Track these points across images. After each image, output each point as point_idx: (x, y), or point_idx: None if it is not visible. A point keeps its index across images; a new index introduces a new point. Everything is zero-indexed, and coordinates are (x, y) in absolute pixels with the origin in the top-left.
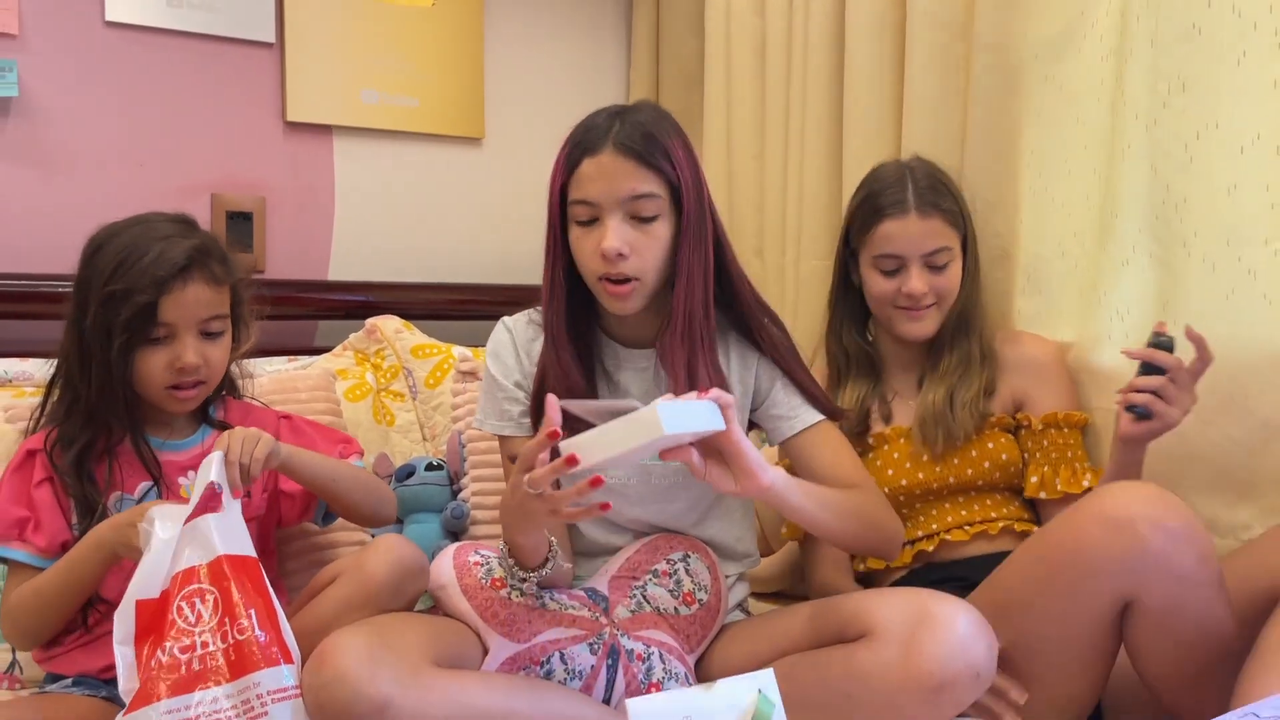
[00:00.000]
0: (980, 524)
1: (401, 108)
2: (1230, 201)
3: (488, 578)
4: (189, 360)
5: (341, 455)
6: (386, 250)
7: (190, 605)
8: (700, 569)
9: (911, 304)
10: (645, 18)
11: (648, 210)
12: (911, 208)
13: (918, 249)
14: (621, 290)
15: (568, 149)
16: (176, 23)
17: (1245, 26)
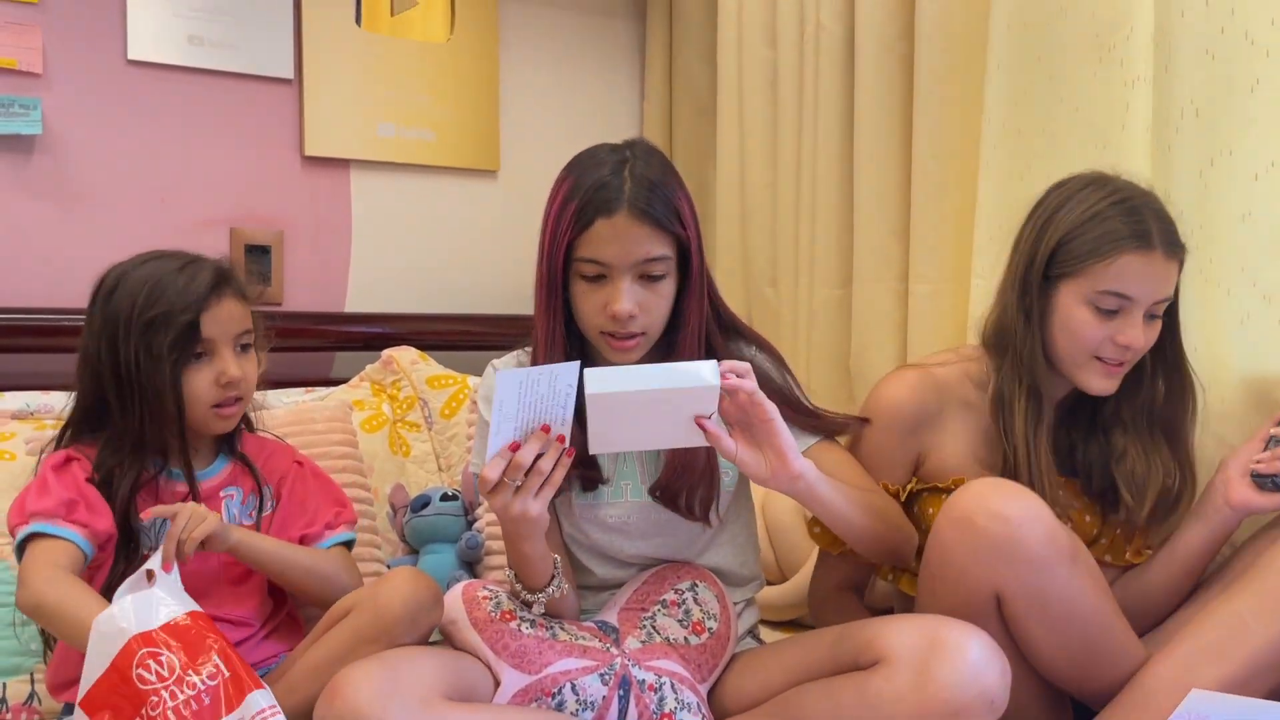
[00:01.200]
0: None
1: (418, 141)
2: (1244, 228)
3: (497, 610)
4: (234, 372)
5: (330, 524)
6: (403, 282)
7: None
8: (708, 597)
9: (1117, 354)
10: (658, 50)
11: (657, 270)
12: (1158, 244)
13: (1149, 294)
14: (627, 345)
15: (578, 205)
16: (197, 60)
17: (1257, 54)
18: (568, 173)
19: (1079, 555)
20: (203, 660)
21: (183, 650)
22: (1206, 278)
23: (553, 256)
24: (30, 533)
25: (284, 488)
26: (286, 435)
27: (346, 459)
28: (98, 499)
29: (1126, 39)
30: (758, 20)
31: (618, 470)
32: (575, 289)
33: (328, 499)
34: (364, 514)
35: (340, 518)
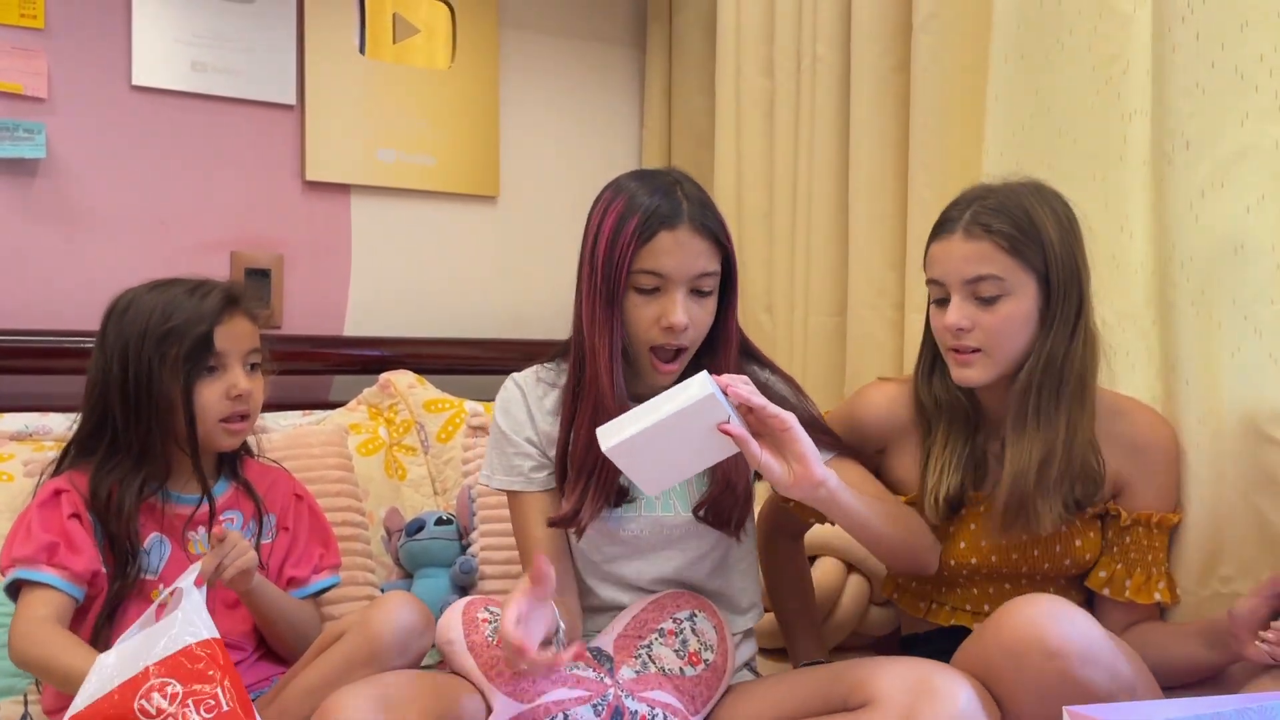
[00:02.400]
0: None
1: (418, 167)
2: (1236, 261)
3: (495, 635)
4: (244, 386)
5: (316, 567)
6: (401, 306)
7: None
8: (707, 628)
9: (955, 340)
10: (657, 78)
11: (707, 286)
12: (959, 228)
13: (957, 276)
14: (672, 368)
15: (641, 218)
16: (200, 86)
17: (1247, 88)
18: (615, 195)
19: (1139, 680)
20: (202, 692)
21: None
22: (1199, 310)
23: (612, 270)
24: (14, 579)
25: (286, 522)
26: (283, 459)
27: (342, 483)
28: (80, 536)
29: (1124, 73)
30: (755, 50)
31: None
32: (628, 303)
33: (316, 540)
34: (358, 538)
35: (325, 561)
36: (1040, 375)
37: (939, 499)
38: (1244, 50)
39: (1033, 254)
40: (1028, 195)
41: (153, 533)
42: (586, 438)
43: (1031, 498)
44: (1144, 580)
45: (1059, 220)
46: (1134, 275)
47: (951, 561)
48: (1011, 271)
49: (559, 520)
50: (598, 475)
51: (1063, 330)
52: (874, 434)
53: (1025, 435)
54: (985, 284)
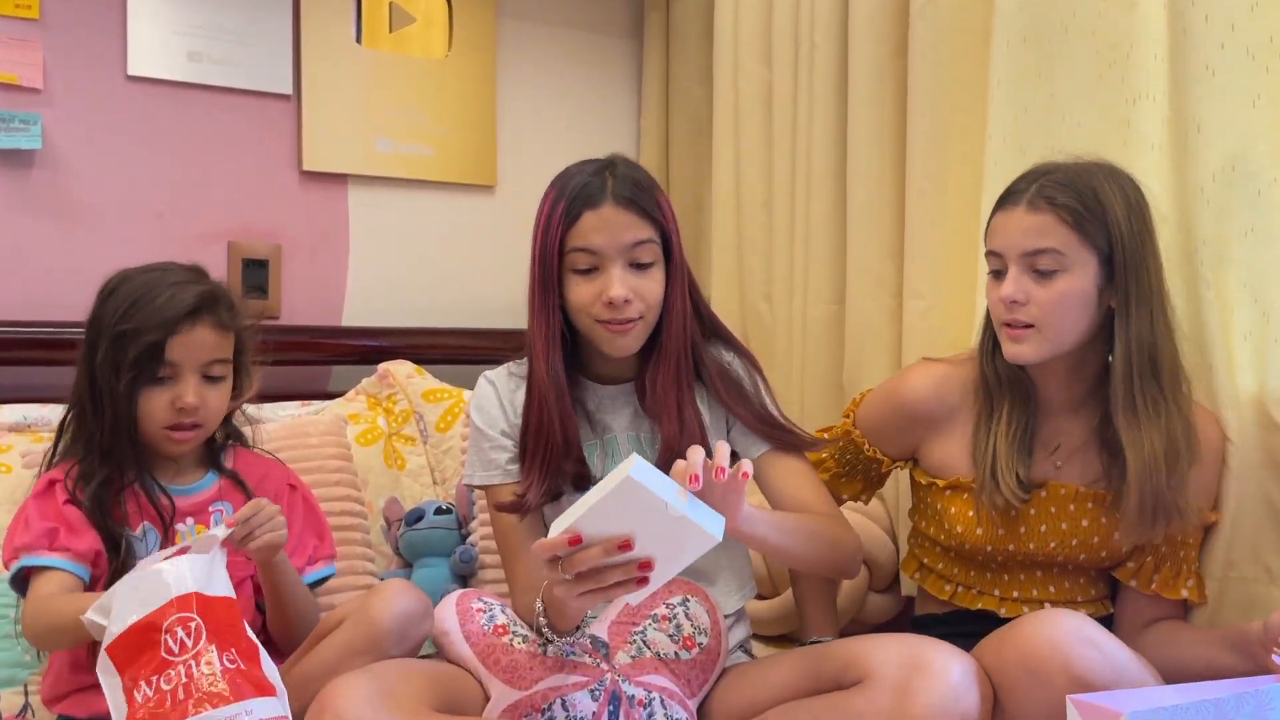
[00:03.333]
0: (1064, 603)
1: (415, 156)
2: (1247, 244)
3: (490, 624)
4: (189, 400)
5: (311, 558)
6: (400, 296)
7: (173, 635)
8: (699, 612)
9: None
10: (655, 69)
11: (646, 256)
12: (1023, 199)
13: (1016, 248)
14: (625, 328)
15: (565, 203)
16: (196, 76)
17: (1258, 70)
18: (552, 186)
19: None
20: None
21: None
22: (1216, 293)
23: (545, 255)
24: (21, 567)
25: None
26: (280, 449)
27: (340, 473)
28: (78, 519)
29: (1127, 56)
30: (753, 40)
31: (606, 468)
32: (569, 284)
33: (310, 531)
34: (357, 527)
35: (320, 552)
36: (1136, 362)
37: (1014, 483)
38: (1254, 32)
39: (1096, 231)
40: (1097, 173)
41: (144, 521)
42: (535, 423)
43: (1166, 491)
44: (1172, 575)
45: (1128, 201)
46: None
47: (1030, 545)
48: (1072, 247)
49: (506, 506)
50: (544, 460)
51: (1142, 315)
52: (920, 415)
53: (1140, 426)
54: (1044, 257)
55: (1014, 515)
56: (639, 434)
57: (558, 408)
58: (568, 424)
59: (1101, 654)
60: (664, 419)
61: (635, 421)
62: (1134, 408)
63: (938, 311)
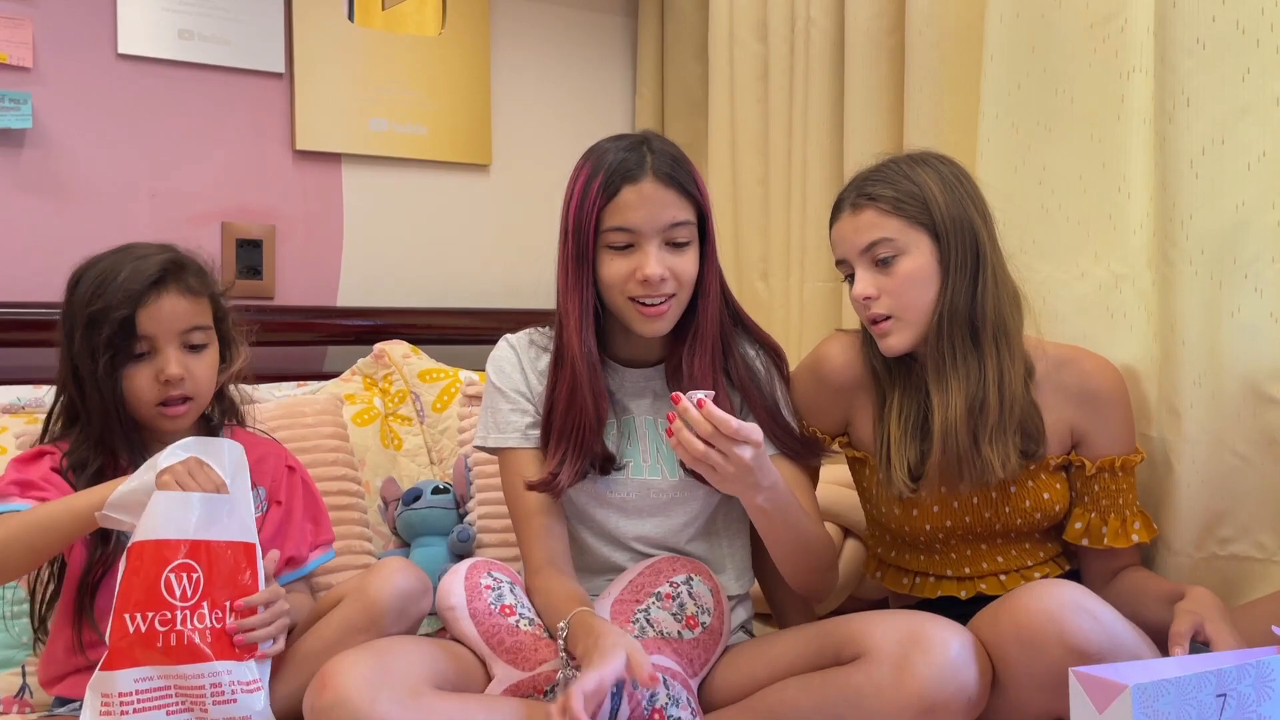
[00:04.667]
0: (1018, 571)
1: (409, 135)
2: (1237, 219)
3: (498, 603)
4: (172, 371)
5: (312, 543)
6: (395, 276)
7: (176, 579)
8: (703, 591)
9: (865, 312)
10: (650, 44)
11: (682, 236)
12: (846, 206)
13: (853, 246)
14: (659, 310)
15: (603, 178)
16: (188, 54)
17: (1248, 43)
18: (585, 159)
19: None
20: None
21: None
22: (1197, 269)
23: (580, 231)
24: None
25: (278, 495)
26: (276, 429)
27: (337, 452)
28: (62, 484)
29: (1121, 30)
30: (749, 15)
31: (623, 449)
32: (603, 260)
33: (309, 516)
34: (355, 506)
35: (319, 537)
36: (948, 324)
37: (904, 472)
38: (1245, 4)
39: (916, 210)
40: (906, 161)
41: None
42: (565, 403)
43: (970, 446)
44: (1119, 525)
45: (941, 176)
46: (1132, 236)
47: (927, 526)
48: (900, 231)
49: (537, 484)
50: (575, 440)
51: (961, 278)
52: (843, 385)
53: (947, 385)
54: (879, 247)
55: (932, 494)
56: (659, 420)
57: (592, 386)
58: (601, 403)
59: (1098, 623)
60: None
61: (657, 406)
62: (941, 369)
63: None
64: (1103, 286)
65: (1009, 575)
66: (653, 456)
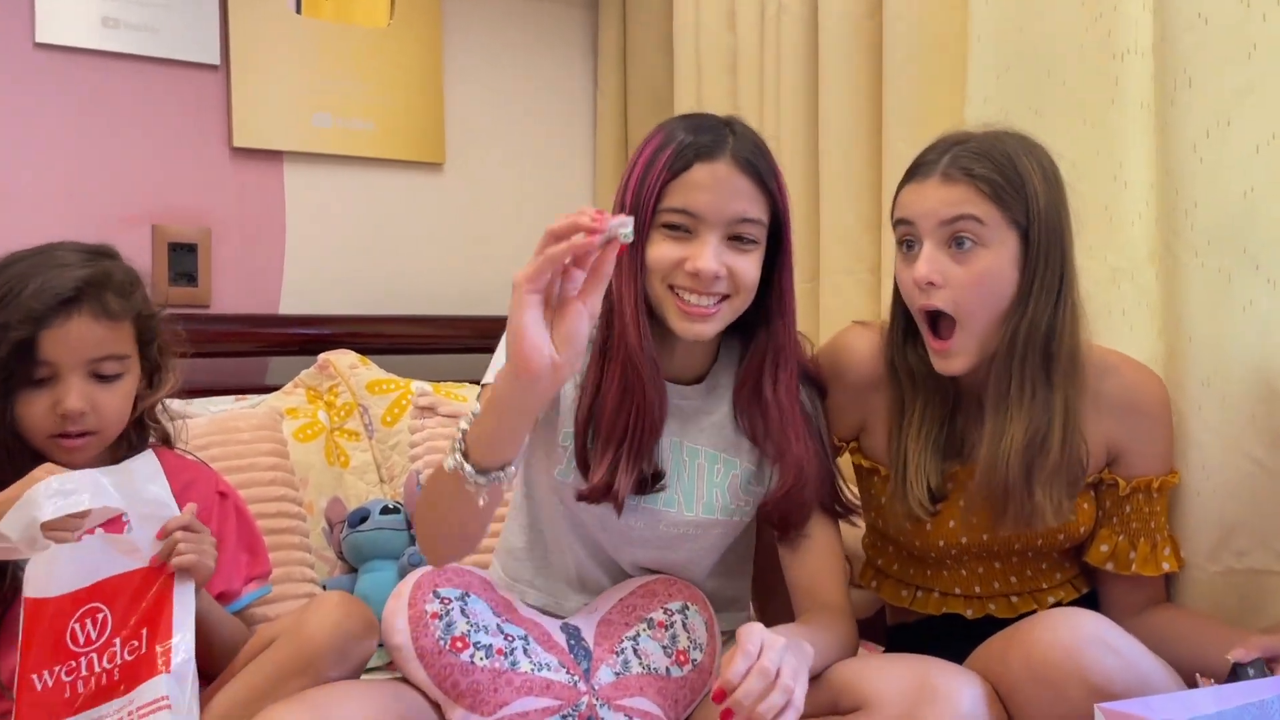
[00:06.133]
0: (1031, 593)
1: (356, 132)
2: (1245, 206)
3: (447, 636)
4: (71, 405)
5: (247, 576)
6: (341, 282)
7: (82, 626)
8: (698, 623)
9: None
10: (612, 35)
11: (750, 233)
12: (936, 171)
13: (932, 218)
14: (707, 311)
15: (674, 149)
16: (113, 44)
17: (1253, 17)
18: (658, 130)
19: None
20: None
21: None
22: (1203, 261)
23: (639, 206)
24: None
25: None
26: (208, 447)
27: (275, 470)
28: None
29: (1114, 8)
30: (717, 3)
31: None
32: (653, 240)
33: (243, 546)
34: (295, 530)
35: (254, 569)
36: (1023, 345)
37: (924, 493)
38: None
39: (1016, 204)
40: (1012, 142)
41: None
42: (616, 400)
43: (1022, 486)
44: (1149, 550)
45: (1044, 174)
46: (1130, 227)
47: (940, 542)
48: (992, 219)
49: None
50: (630, 443)
51: (1046, 298)
52: (864, 382)
53: (1007, 412)
54: (964, 224)
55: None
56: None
57: (654, 384)
58: (664, 405)
59: (1121, 659)
60: (785, 446)
61: (685, 429)
62: (1006, 393)
63: None
64: (1099, 282)
65: (1021, 597)
66: (673, 484)
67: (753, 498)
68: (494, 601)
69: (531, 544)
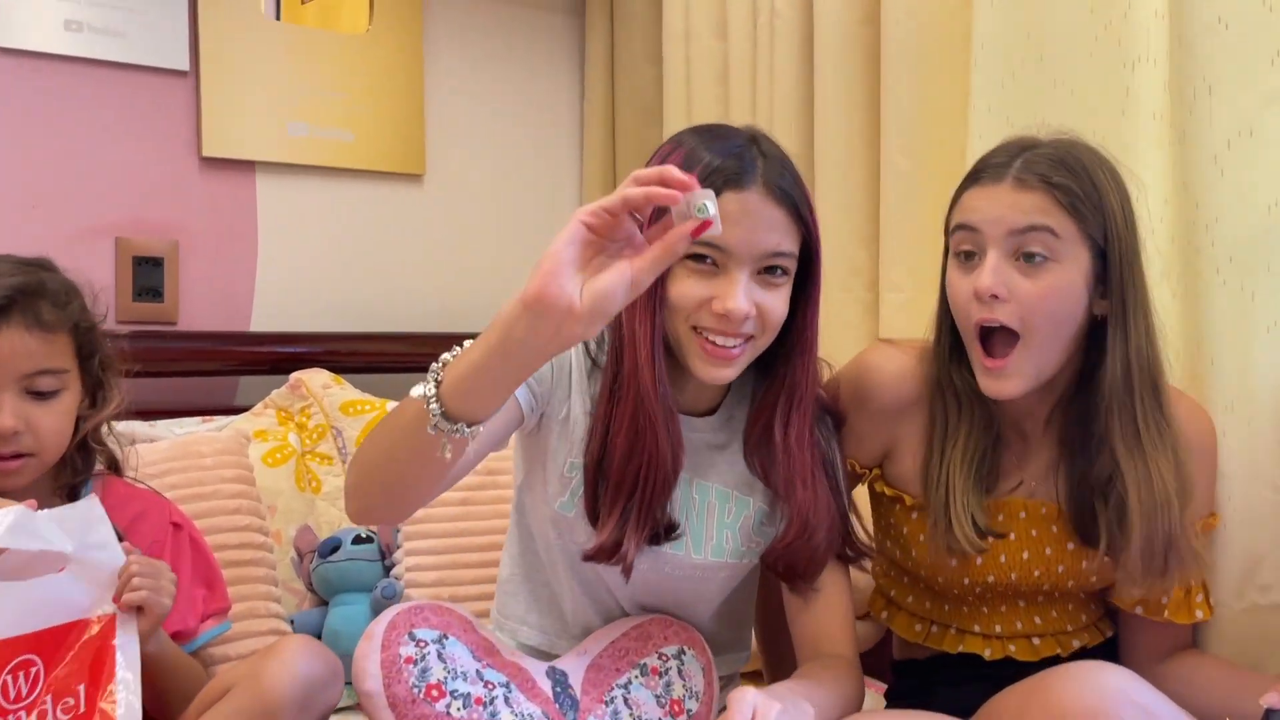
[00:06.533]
0: (1054, 635)
1: (333, 142)
2: (1270, 220)
3: (422, 684)
4: (3, 423)
5: (203, 613)
6: (316, 298)
7: (14, 679)
8: (694, 670)
9: (985, 311)
10: (599, 44)
11: (782, 268)
12: (1008, 175)
13: (1002, 225)
14: (730, 355)
15: (700, 171)
16: (76, 49)
17: (1276, 21)
18: (674, 146)
19: None
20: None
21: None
22: (1225, 279)
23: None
24: None
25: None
26: (167, 473)
27: (240, 498)
28: None
29: (1124, 15)
30: (707, 11)
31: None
32: (675, 275)
33: (199, 580)
34: (261, 562)
35: (211, 606)
36: (1139, 380)
37: (971, 528)
38: None
39: (1093, 219)
40: (1086, 154)
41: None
42: (626, 446)
43: (1179, 532)
44: (1183, 595)
45: (1120, 190)
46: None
47: (965, 580)
48: (1068, 233)
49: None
50: (641, 497)
51: (1140, 326)
52: (892, 405)
53: (1146, 457)
54: (1036, 236)
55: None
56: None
57: (670, 431)
58: (679, 455)
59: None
60: (790, 493)
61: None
62: (1137, 435)
63: (918, 305)
64: None
65: (1044, 639)
66: (680, 525)
67: (765, 539)
68: (474, 644)
69: (524, 575)
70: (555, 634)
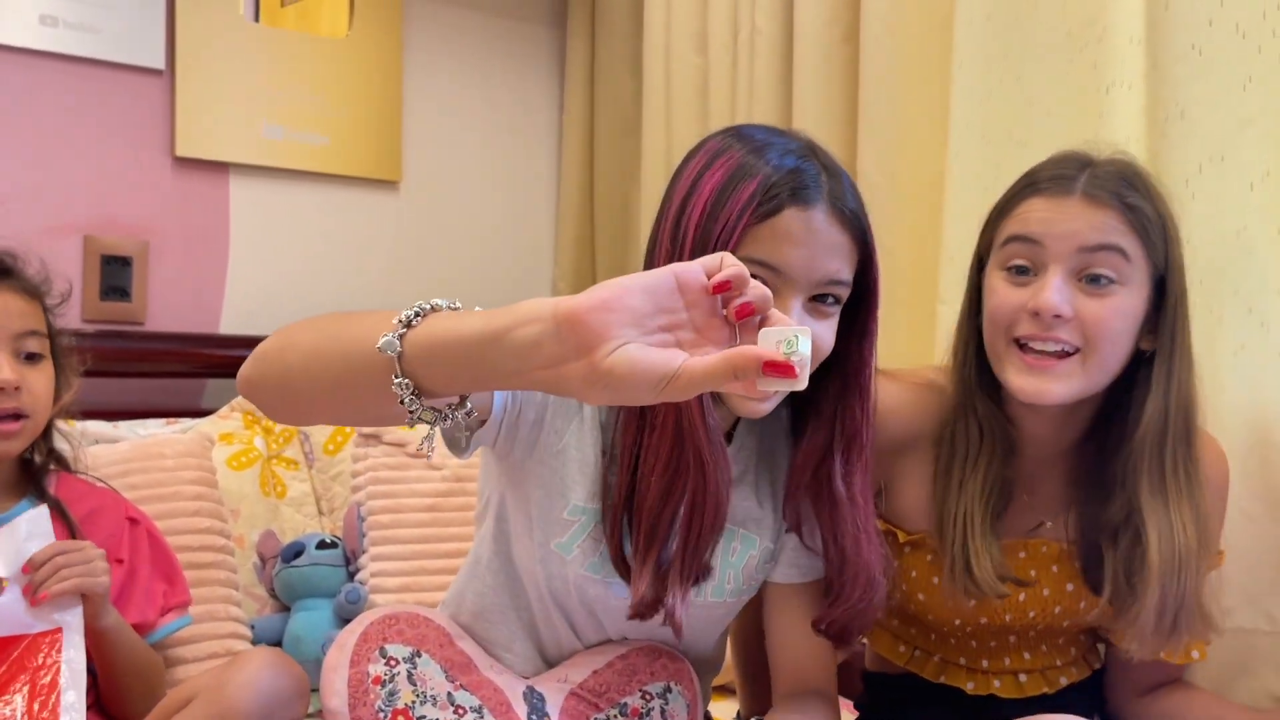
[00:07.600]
0: (1041, 671)
1: (309, 145)
2: (1238, 245)
3: (389, 707)
4: (5, 375)
5: (162, 608)
6: (287, 302)
7: None
8: (679, 708)
9: (1038, 329)
10: (579, 56)
11: (836, 296)
12: (1077, 188)
13: (1070, 241)
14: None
15: (762, 184)
16: (49, 44)
17: (1249, 49)
18: (722, 151)
19: None
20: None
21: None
22: (1194, 301)
23: (705, 245)
24: None
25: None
26: (127, 474)
27: (201, 500)
28: None
29: (1099, 39)
30: (687, 25)
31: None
32: None
33: (158, 574)
34: (222, 565)
35: (170, 599)
36: (1175, 423)
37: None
38: (1245, 6)
39: (1158, 244)
40: (1150, 177)
41: None
42: (661, 486)
43: (1196, 590)
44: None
45: (1173, 219)
46: None
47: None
48: (1136, 255)
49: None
50: (685, 540)
51: (1185, 364)
52: (895, 438)
53: (1169, 506)
54: (1107, 256)
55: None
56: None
57: (716, 465)
58: (728, 491)
59: None
60: (860, 540)
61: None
62: (1163, 479)
63: (895, 325)
64: None
65: (1030, 675)
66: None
67: (763, 576)
68: (449, 661)
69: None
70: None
